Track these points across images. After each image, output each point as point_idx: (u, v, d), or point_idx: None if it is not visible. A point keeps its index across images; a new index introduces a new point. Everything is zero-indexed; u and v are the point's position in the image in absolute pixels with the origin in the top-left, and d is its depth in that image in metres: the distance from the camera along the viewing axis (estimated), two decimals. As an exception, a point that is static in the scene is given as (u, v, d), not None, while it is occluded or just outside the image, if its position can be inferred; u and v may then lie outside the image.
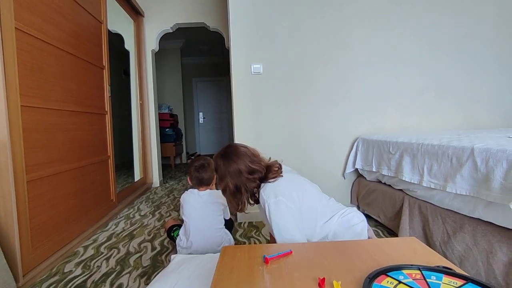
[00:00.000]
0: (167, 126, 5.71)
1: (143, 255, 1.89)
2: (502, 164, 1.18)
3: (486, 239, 1.29)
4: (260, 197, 1.26)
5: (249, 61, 2.43)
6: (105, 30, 2.67)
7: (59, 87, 2.01)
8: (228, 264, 0.92)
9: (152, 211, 2.87)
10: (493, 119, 2.68)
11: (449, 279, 0.73)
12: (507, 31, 2.64)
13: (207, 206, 1.78)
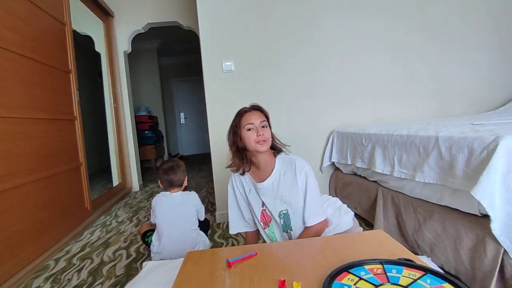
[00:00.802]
0: (146, 128, 5.60)
1: (118, 263, 1.84)
2: (464, 151, 1.19)
3: (453, 226, 1.31)
4: (286, 166, 1.22)
5: (220, 59, 2.39)
6: (69, 32, 2.56)
7: (21, 94, 1.91)
8: (190, 270, 0.88)
9: (129, 217, 2.79)
10: (464, 107, 2.75)
11: (409, 272, 0.72)
12: (474, 21, 2.70)
13: (180, 208, 1.74)
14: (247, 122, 1.20)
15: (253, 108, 1.26)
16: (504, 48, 2.75)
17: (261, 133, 1.17)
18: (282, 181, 1.20)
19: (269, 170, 1.24)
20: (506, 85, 2.78)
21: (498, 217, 1.06)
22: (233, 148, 1.27)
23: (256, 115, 1.21)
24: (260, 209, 1.28)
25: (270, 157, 1.25)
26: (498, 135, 1.08)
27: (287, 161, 1.23)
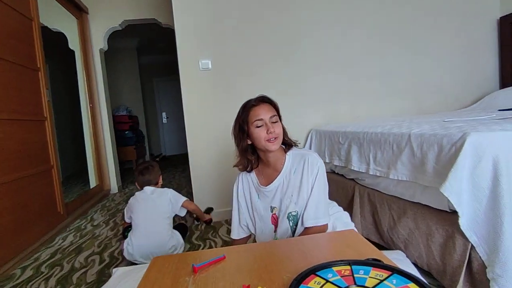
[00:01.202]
0: (126, 128, 5.46)
1: (89, 269, 1.76)
2: (434, 148, 1.20)
3: (425, 222, 1.32)
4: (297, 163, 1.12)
5: (197, 57, 2.34)
6: (37, 28, 2.44)
7: (-20, 94, 1.80)
8: (152, 277, 0.84)
9: (106, 220, 2.70)
10: (437, 104, 2.80)
11: (376, 272, 0.70)
12: (447, 18, 2.76)
13: (155, 201, 1.80)
14: (256, 117, 1.07)
15: (262, 100, 1.12)
16: (476, 48, 2.83)
17: (271, 130, 1.05)
18: (292, 180, 1.10)
19: (278, 168, 1.14)
20: (478, 83, 2.85)
21: (466, 213, 1.07)
22: (240, 146, 1.16)
23: (265, 109, 1.08)
24: (270, 214, 1.16)
25: (280, 153, 1.14)
26: (465, 131, 1.09)
27: (299, 157, 1.12)
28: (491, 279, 1.01)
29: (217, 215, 2.44)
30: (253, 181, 1.20)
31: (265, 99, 1.12)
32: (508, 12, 2.75)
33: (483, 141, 1.04)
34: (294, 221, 1.12)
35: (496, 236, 1.00)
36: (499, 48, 2.86)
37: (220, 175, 2.44)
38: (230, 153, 2.43)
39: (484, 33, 2.84)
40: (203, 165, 2.42)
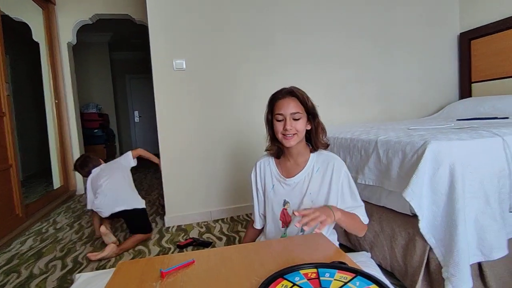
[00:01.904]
0: (95, 127, 5.23)
1: (50, 276, 1.66)
2: (398, 155, 1.27)
3: (389, 225, 1.38)
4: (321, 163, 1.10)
5: (171, 56, 2.29)
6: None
7: None
8: (117, 283, 0.82)
9: (70, 223, 2.57)
10: (406, 111, 2.96)
11: (341, 275, 0.73)
12: (415, 32, 2.92)
13: (111, 168, 2.17)
14: (278, 111, 1.06)
15: (289, 93, 1.08)
16: (439, 61, 3.02)
17: (288, 127, 1.03)
18: (314, 178, 1.09)
19: (301, 163, 1.12)
20: (441, 93, 3.05)
21: (425, 217, 1.14)
22: (269, 134, 1.15)
23: (288, 104, 1.05)
24: (281, 208, 1.15)
25: (304, 149, 1.13)
26: (426, 140, 1.17)
27: (324, 157, 1.11)
28: (446, 278, 1.08)
29: (190, 217, 2.40)
30: (272, 170, 1.17)
31: (293, 93, 1.08)
32: (467, 29, 2.97)
33: (441, 149, 1.11)
34: None
35: (451, 239, 1.07)
36: (459, 62, 3.07)
37: (193, 177, 2.41)
38: (203, 155, 2.41)
39: (447, 47, 3.05)
40: (175, 167, 2.37)
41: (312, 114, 1.10)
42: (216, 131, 2.43)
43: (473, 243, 1.11)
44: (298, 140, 1.06)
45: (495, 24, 2.72)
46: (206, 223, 2.37)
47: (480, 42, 2.88)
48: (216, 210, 2.45)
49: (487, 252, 1.10)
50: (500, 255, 1.10)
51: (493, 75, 2.78)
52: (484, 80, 2.87)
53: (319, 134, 1.12)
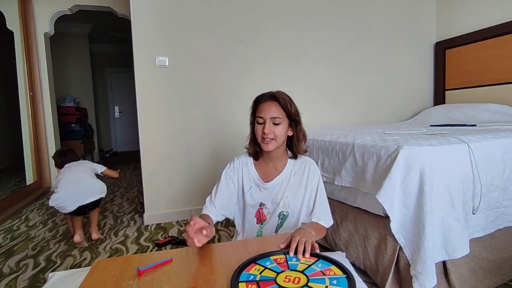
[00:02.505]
0: (72, 121, 5.05)
1: (21, 275, 1.61)
2: (373, 158, 1.32)
3: (363, 226, 1.44)
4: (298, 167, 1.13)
5: (154, 53, 2.27)
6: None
7: None
8: (94, 281, 0.81)
9: (43, 220, 2.49)
10: (384, 115, 3.07)
11: (306, 259, 0.81)
12: (394, 40, 3.03)
13: (78, 166, 2.10)
14: (258, 114, 1.07)
15: (271, 97, 1.08)
16: (416, 68, 3.16)
17: (266, 131, 1.04)
18: (292, 181, 1.12)
19: (279, 167, 1.14)
20: (416, 99, 3.19)
21: (396, 218, 1.20)
22: (250, 135, 1.16)
23: (269, 108, 1.05)
24: (257, 208, 1.16)
25: (283, 153, 1.14)
26: (399, 144, 1.23)
27: (301, 161, 1.14)
28: (413, 276, 1.14)
29: (170, 215, 2.39)
30: (250, 172, 1.17)
31: (273, 97, 1.08)
32: (443, 39, 3.12)
33: (412, 154, 1.18)
34: (282, 220, 1.15)
35: (419, 238, 1.14)
36: (434, 70, 3.22)
37: (173, 175, 2.39)
38: (184, 153, 2.40)
39: (423, 55, 3.19)
40: (155, 164, 2.35)
41: (294, 121, 1.10)
42: (198, 130, 2.43)
43: (438, 242, 1.18)
44: (276, 145, 1.07)
45: (468, 35, 2.87)
46: (186, 222, 2.36)
47: (454, 52, 3.03)
48: (196, 209, 2.44)
49: (451, 251, 1.17)
50: (463, 254, 1.18)
51: (466, 84, 2.94)
52: (457, 88, 3.02)
53: (300, 141, 1.13)
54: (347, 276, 0.71)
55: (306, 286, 0.68)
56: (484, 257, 1.31)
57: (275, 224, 1.15)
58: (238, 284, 0.71)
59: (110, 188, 3.58)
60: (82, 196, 1.94)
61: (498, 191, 1.32)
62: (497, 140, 1.36)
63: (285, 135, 1.09)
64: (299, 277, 0.72)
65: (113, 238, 2.09)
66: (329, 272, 0.74)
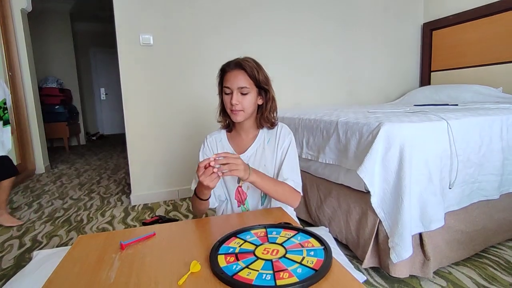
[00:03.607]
0: (56, 103, 4.93)
1: (6, 255, 1.61)
2: (356, 135, 1.35)
3: (346, 201, 1.48)
4: (270, 132, 1.10)
5: (137, 31, 2.19)
6: None
7: None
8: (76, 255, 0.82)
9: (28, 202, 2.46)
10: (370, 96, 3.10)
11: (286, 232, 0.83)
12: (381, 20, 3.01)
13: None
14: (225, 84, 1.02)
15: (237, 66, 1.02)
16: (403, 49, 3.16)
17: (233, 101, 0.99)
18: (267, 149, 1.07)
19: (251, 136, 1.10)
20: (403, 80, 3.22)
21: (377, 193, 1.23)
22: (220, 105, 1.11)
23: (236, 77, 1.00)
24: (236, 186, 1.10)
25: (253, 123, 1.10)
26: (381, 122, 1.25)
27: (273, 128, 1.10)
28: (391, 247, 1.19)
29: (157, 196, 2.40)
30: (224, 146, 1.13)
31: (240, 65, 1.02)
32: (430, 20, 3.11)
33: (393, 130, 1.20)
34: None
35: (397, 212, 1.18)
36: (421, 51, 3.23)
37: (159, 156, 2.38)
38: (170, 133, 2.39)
39: (410, 36, 3.18)
40: (141, 145, 2.33)
41: (263, 89, 1.05)
42: (184, 108, 2.40)
43: (416, 216, 1.22)
44: (245, 116, 1.04)
45: (455, 16, 2.87)
46: (173, 202, 2.38)
47: (440, 33, 3.03)
48: (184, 189, 2.46)
49: (426, 223, 1.22)
50: (438, 226, 1.23)
51: (451, 65, 2.97)
52: (442, 69, 3.05)
53: (268, 110, 1.07)
54: (325, 248, 0.74)
55: (284, 257, 0.70)
56: (459, 229, 1.37)
57: (258, 196, 1.11)
58: (217, 256, 0.73)
59: (96, 171, 3.55)
60: None
61: (474, 167, 1.37)
62: (475, 118, 1.40)
63: (254, 104, 1.04)
64: (277, 249, 0.74)
65: (99, 218, 2.10)
66: (307, 244, 0.76)
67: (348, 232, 1.46)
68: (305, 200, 1.83)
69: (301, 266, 0.67)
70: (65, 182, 3.08)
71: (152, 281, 0.67)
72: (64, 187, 2.88)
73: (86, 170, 3.58)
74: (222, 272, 0.65)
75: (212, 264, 0.69)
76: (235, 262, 0.70)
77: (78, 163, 4.03)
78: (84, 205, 2.38)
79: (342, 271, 0.67)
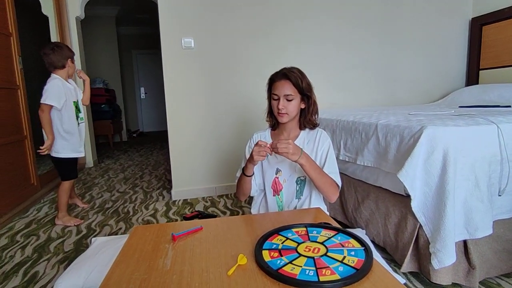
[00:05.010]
0: (102, 102, 5.30)
1: (67, 239, 1.80)
2: (396, 138, 1.33)
3: (384, 204, 1.47)
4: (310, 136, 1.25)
5: (180, 35, 2.32)
6: (9, -10, 2.30)
7: None
8: (134, 244, 0.91)
9: (82, 193, 2.71)
10: (410, 96, 2.98)
11: (326, 232, 0.87)
12: (424, 15, 2.88)
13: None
14: (273, 91, 1.20)
15: (284, 76, 1.18)
16: (447, 46, 2.99)
17: (280, 106, 1.16)
18: (305, 149, 1.18)
19: (292, 137, 1.26)
20: (447, 79, 3.05)
21: (417, 197, 1.21)
22: (267, 108, 1.30)
23: (283, 86, 1.17)
24: (273, 176, 1.26)
25: (296, 125, 1.26)
26: (423, 125, 1.22)
27: (313, 131, 1.26)
28: (432, 253, 1.17)
29: (195, 192, 2.52)
30: (267, 141, 1.26)
31: (286, 76, 1.17)
32: (479, 14, 2.92)
33: (437, 134, 1.17)
34: (301, 185, 1.24)
35: (440, 217, 1.15)
36: (468, 48, 3.04)
37: (199, 153, 2.50)
38: (209, 132, 2.49)
39: (457, 32, 3.01)
40: (182, 143, 2.46)
41: (306, 95, 1.20)
42: (223, 108, 2.50)
43: (460, 222, 1.19)
44: (289, 118, 1.20)
45: (510, 9, 2.66)
46: (211, 198, 2.48)
47: (492, 28, 2.83)
48: (221, 186, 2.55)
49: (472, 231, 1.18)
50: (485, 234, 1.18)
51: (503, 62, 2.76)
52: (493, 67, 2.85)
53: (310, 113, 1.23)
54: (365, 249, 0.76)
55: (325, 255, 0.74)
56: (509, 239, 1.30)
57: (293, 190, 1.24)
58: (261, 251, 0.78)
59: (139, 166, 3.79)
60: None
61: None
62: (530, 121, 1.31)
63: (297, 109, 1.20)
64: (318, 247, 0.78)
65: (144, 211, 2.25)
66: (347, 244, 0.79)
67: (386, 235, 1.45)
68: (342, 201, 1.83)
69: (343, 264, 0.70)
70: (112, 176, 3.33)
71: (204, 271, 0.73)
72: (111, 181, 3.11)
73: (130, 166, 3.83)
74: (267, 266, 0.70)
75: (258, 258, 0.74)
76: (279, 257, 0.75)
77: (121, 158, 4.32)
78: (129, 198, 2.56)
79: (383, 272, 0.69)
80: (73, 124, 2.02)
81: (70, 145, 2.02)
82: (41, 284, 1.36)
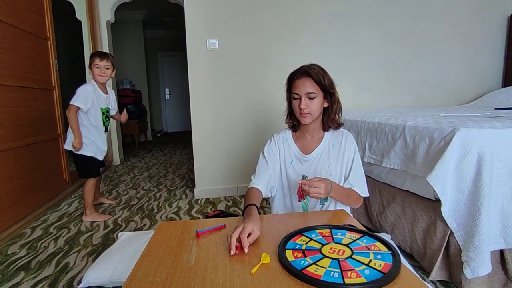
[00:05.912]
0: (129, 102, 5.50)
1: (95, 233, 1.88)
2: (425, 140, 1.28)
3: (411, 209, 1.41)
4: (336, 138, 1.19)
5: (204, 36, 2.36)
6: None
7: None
8: (159, 239, 0.94)
9: (109, 190, 2.82)
10: (439, 98, 2.85)
11: (351, 234, 0.85)
12: (456, 13, 2.76)
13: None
14: (294, 90, 1.12)
15: (304, 74, 1.10)
16: (482, 45, 2.84)
17: (302, 106, 1.08)
18: (331, 153, 1.16)
19: (316, 139, 1.19)
20: (480, 80, 2.89)
21: (448, 202, 1.16)
22: (287, 109, 1.23)
23: (304, 84, 1.09)
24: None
25: (320, 125, 1.19)
26: (455, 127, 1.16)
27: (337, 133, 1.19)
28: (464, 262, 1.11)
29: (218, 191, 2.55)
30: (290, 147, 1.21)
31: (307, 73, 1.10)
32: (519, 10, 2.75)
33: (470, 136, 1.11)
34: None
35: (473, 224, 1.09)
36: (506, 46, 2.87)
37: (222, 153, 2.53)
38: (232, 132, 2.51)
39: (492, 30, 2.85)
40: (206, 143, 2.49)
41: (328, 92, 1.12)
42: (246, 109, 2.51)
43: (496, 230, 1.12)
44: (312, 118, 1.12)
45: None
46: (233, 198, 2.50)
47: (531, 25, 2.66)
48: (243, 186, 2.57)
49: (510, 240, 1.11)
50: (523, 244, 1.11)
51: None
52: (532, 67, 2.68)
53: (334, 112, 1.15)
54: (392, 253, 0.73)
55: (350, 258, 0.72)
56: (550, 250, 1.21)
57: None
58: (285, 251, 0.77)
59: (163, 165, 3.89)
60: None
61: None
62: None
63: (320, 108, 1.13)
64: (343, 249, 0.76)
65: (167, 208, 2.31)
66: (373, 247, 0.77)
67: (413, 241, 1.39)
68: (366, 205, 1.79)
69: (369, 268, 0.68)
70: (137, 174, 3.44)
71: (227, 268, 0.74)
72: (136, 178, 3.22)
73: (154, 164, 3.94)
74: (291, 266, 0.70)
75: (281, 257, 0.74)
76: (303, 258, 0.74)
77: (146, 157, 4.45)
78: (153, 195, 2.63)
79: (412, 277, 0.66)
80: (98, 127, 2.11)
81: (92, 146, 2.09)
82: (72, 274, 1.42)
